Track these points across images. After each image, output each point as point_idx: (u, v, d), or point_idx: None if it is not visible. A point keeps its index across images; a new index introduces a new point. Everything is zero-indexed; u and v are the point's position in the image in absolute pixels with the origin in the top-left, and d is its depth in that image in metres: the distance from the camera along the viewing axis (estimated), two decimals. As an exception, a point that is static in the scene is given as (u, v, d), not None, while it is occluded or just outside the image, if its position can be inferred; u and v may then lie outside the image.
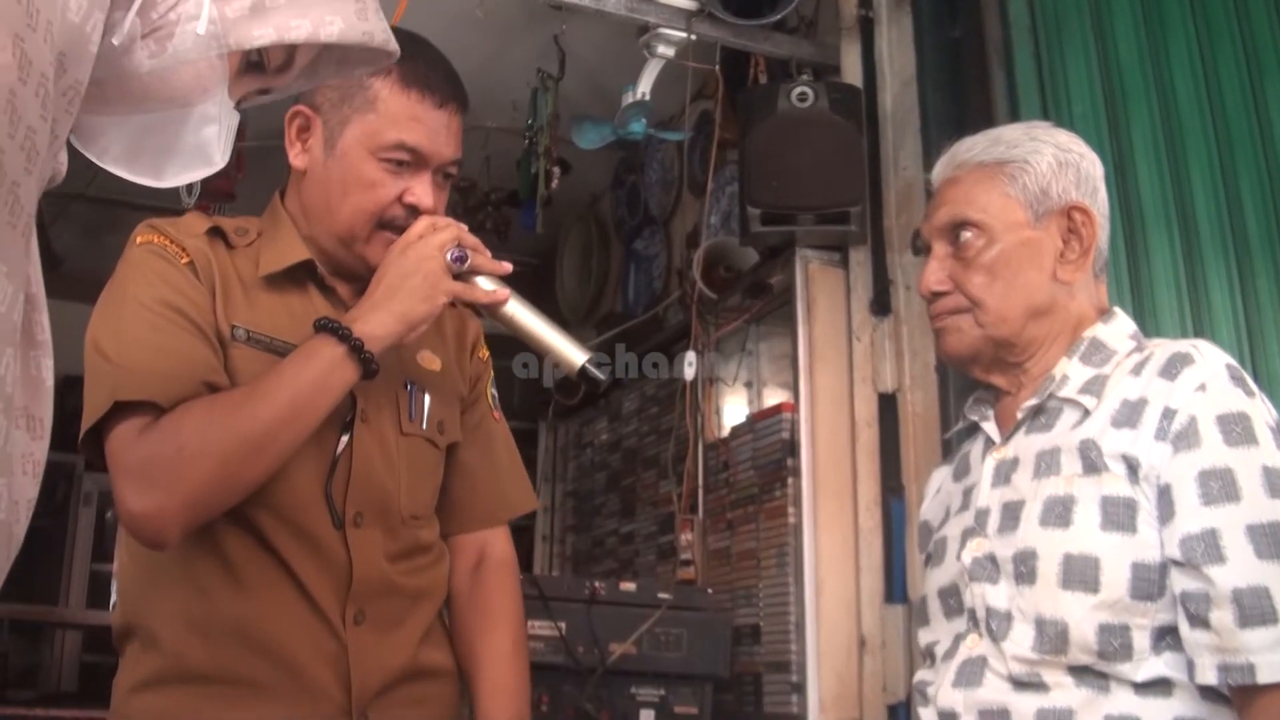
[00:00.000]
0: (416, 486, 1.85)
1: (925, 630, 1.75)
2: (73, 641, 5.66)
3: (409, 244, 1.71)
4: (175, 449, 1.53)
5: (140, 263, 1.68)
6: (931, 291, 1.75)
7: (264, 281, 1.76)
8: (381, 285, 1.69)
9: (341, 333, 1.62)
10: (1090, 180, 1.73)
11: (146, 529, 1.53)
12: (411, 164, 1.76)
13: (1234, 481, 1.45)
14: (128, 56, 0.91)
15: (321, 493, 1.70)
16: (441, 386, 1.91)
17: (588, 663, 3.06)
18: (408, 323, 1.67)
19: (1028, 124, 1.82)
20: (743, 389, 3.94)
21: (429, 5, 3.10)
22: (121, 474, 1.55)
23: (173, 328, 1.63)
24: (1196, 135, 2.91)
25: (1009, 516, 1.60)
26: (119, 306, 1.65)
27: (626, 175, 5.25)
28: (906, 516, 3.03)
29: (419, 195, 1.76)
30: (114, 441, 1.57)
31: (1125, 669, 1.47)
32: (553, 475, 5.36)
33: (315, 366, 1.61)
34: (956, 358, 1.77)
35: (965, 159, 1.76)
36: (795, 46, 3.53)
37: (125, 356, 1.59)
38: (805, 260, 3.35)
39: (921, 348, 3.06)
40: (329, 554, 1.70)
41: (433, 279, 1.69)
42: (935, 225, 1.76)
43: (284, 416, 1.58)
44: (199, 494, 1.54)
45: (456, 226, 1.74)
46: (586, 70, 4.14)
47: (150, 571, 1.68)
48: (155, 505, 1.52)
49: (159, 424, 1.56)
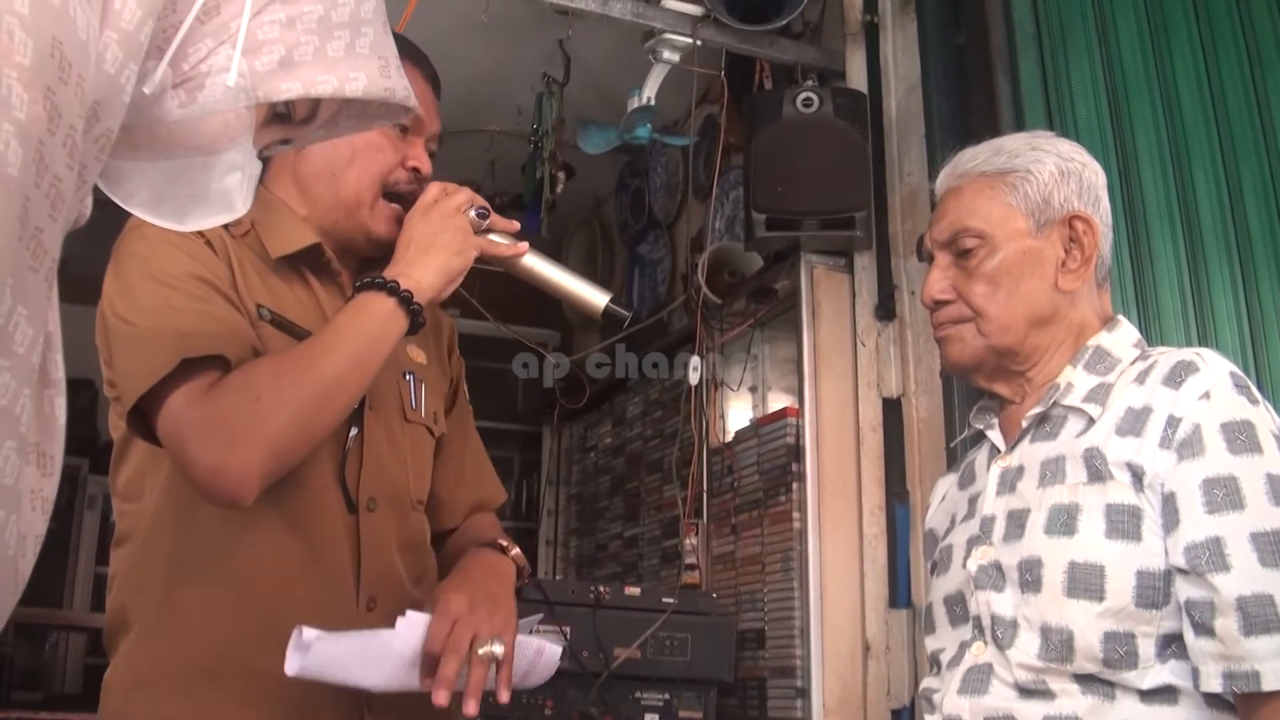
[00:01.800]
0: (420, 473, 1.89)
1: (931, 638, 1.75)
2: (76, 644, 5.67)
3: (428, 206, 1.74)
4: (253, 398, 1.53)
5: (159, 239, 1.66)
6: (934, 301, 1.75)
7: (273, 267, 1.76)
8: (412, 245, 1.70)
9: (390, 286, 1.64)
10: (1092, 189, 1.73)
11: (227, 482, 1.51)
12: (410, 130, 1.81)
13: (1238, 489, 1.45)
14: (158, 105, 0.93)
15: (336, 479, 1.72)
16: (429, 379, 1.95)
17: (592, 667, 3.06)
18: (447, 275, 1.70)
19: (1030, 133, 1.82)
20: (747, 394, 3.94)
21: (435, 10, 3.11)
22: (195, 431, 1.52)
23: (212, 298, 1.63)
24: (1200, 140, 2.91)
25: (1014, 525, 1.60)
26: (146, 280, 1.62)
27: (631, 180, 5.26)
28: (911, 522, 3.03)
29: (420, 159, 1.82)
30: (179, 401, 1.54)
31: (1131, 677, 1.47)
32: (556, 479, 5.37)
33: (371, 319, 1.63)
34: (959, 367, 1.78)
35: (967, 169, 1.76)
36: (800, 52, 3.53)
37: (174, 322, 1.58)
38: (810, 265, 3.35)
39: (926, 353, 3.06)
40: (344, 540, 1.71)
41: (462, 234, 1.72)
42: (937, 235, 1.76)
43: (350, 366, 1.59)
44: (281, 442, 1.53)
45: (466, 189, 1.77)
46: (591, 75, 4.15)
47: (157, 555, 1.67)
48: (237, 458, 1.50)
49: (228, 379, 1.55)
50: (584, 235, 5.65)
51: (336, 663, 1.51)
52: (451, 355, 2.07)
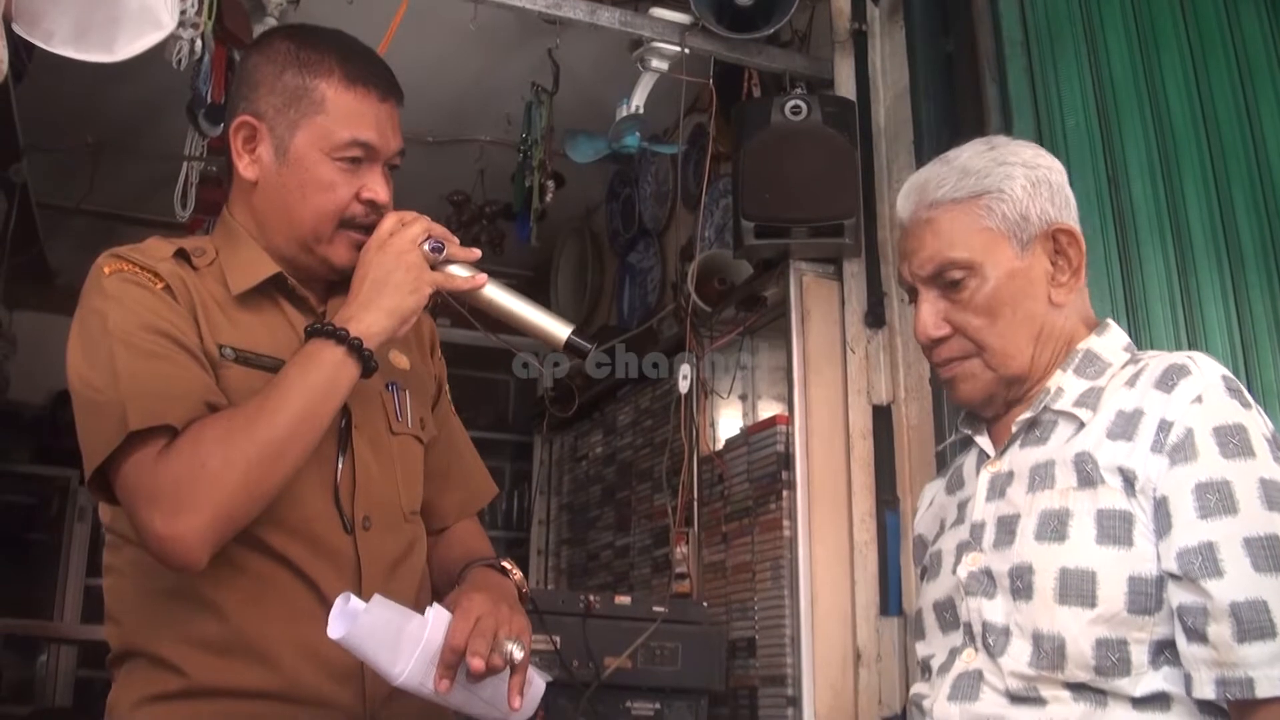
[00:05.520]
0: (412, 483, 1.87)
1: (921, 644, 1.74)
2: (67, 656, 5.65)
3: (383, 240, 1.72)
4: (199, 465, 1.52)
5: (116, 293, 1.66)
6: (930, 338, 1.71)
7: (237, 300, 1.75)
8: (366, 283, 1.69)
9: (339, 334, 1.63)
10: (1061, 191, 1.71)
11: (178, 551, 1.51)
12: (364, 159, 1.76)
13: (1231, 494, 1.44)
14: None
15: (330, 501, 1.71)
16: (414, 384, 1.94)
17: (582, 677, 3.05)
18: (399, 317, 1.69)
19: (987, 143, 1.76)
20: (737, 401, 3.95)
21: (423, 20, 3.11)
22: (145, 501, 1.53)
23: (165, 353, 1.62)
24: (1189, 147, 2.92)
25: (1004, 531, 1.59)
26: (103, 339, 1.62)
27: (621, 188, 5.27)
28: (902, 529, 3.03)
29: (376, 190, 1.77)
30: (131, 470, 1.55)
31: (1123, 684, 1.46)
32: (548, 488, 5.36)
33: (320, 370, 1.62)
34: (971, 404, 1.74)
35: (936, 197, 1.70)
36: (789, 60, 3.54)
37: (125, 388, 1.57)
38: (799, 273, 3.36)
39: (916, 360, 3.06)
40: (342, 560, 1.70)
41: (415, 271, 1.70)
42: (918, 270, 1.71)
43: (298, 421, 1.58)
44: (228, 508, 1.53)
45: (424, 219, 1.75)
46: (581, 84, 4.15)
47: (155, 593, 1.66)
48: (186, 525, 1.50)
49: (176, 445, 1.54)
50: (574, 244, 5.65)
51: (379, 634, 1.52)
52: (434, 355, 2.07)
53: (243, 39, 3.47)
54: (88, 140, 4.72)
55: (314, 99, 1.74)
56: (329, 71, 1.75)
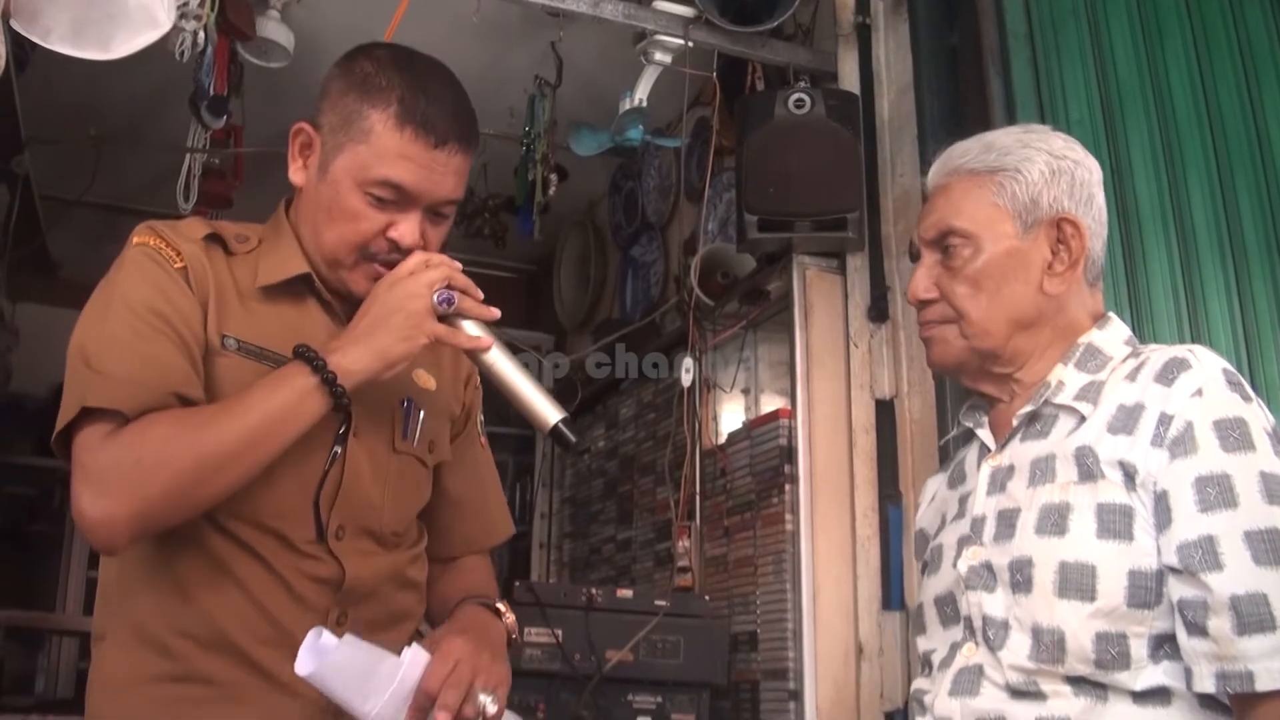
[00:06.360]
0: (402, 504, 1.84)
1: (922, 638, 1.74)
2: (69, 648, 5.66)
3: (398, 280, 1.68)
4: (134, 459, 1.53)
5: (133, 264, 1.67)
6: (918, 299, 1.75)
7: (261, 292, 1.74)
8: (365, 319, 1.67)
9: (316, 363, 1.60)
10: (1085, 188, 1.71)
11: (97, 533, 1.54)
12: (396, 202, 1.71)
13: (1231, 487, 1.44)
14: None
15: (309, 504, 1.70)
16: (435, 406, 1.91)
17: (584, 670, 3.06)
18: (385, 360, 1.65)
19: (1024, 128, 1.79)
20: (740, 395, 3.94)
21: (425, 12, 3.11)
22: (80, 478, 1.54)
23: (154, 334, 1.62)
24: (1193, 141, 2.91)
25: (1005, 525, 1.59)
26: (105, 307, 1.64)
27: (624, 182, 5.26)
28: (904, 523, 3.03)
29: (402, 232, 1.72)
30: (79, 445, 1.56)
31: (1123, 678, 1.46)
32: (550, 482, 5.37)
33: (285, 394, 1.60)
34: (942, 368, 1.78)
35: (957, 165, 1.74)
36: (792, 53, 3.54)
37: (101, 361, 1.59)
38: (803, 266, 3.35)
39: (919, 354, 3.06)
40: (315, 561, 1.69)
41: (415, 319, 1.66)
42: (924, 233, 1.75)
43: (247, 440, 1.57)
44: (150, 506, 1.53)
45: (449, 266, 1.70)
46: (584, 77, 4.15)
47: (137, 576, 1.68)
48: (106, 512, 1.52)
49: (122, 432, 1.55)
50: (577, 238, 5.65)
51: (347, 673, 1.52)
52: (468, 385, 2.02)
53: (245, 31, 3.48)
54: (90, 132, 4.72)
55: (363, 127, 1.70)
56: (386, 105, 1.69)
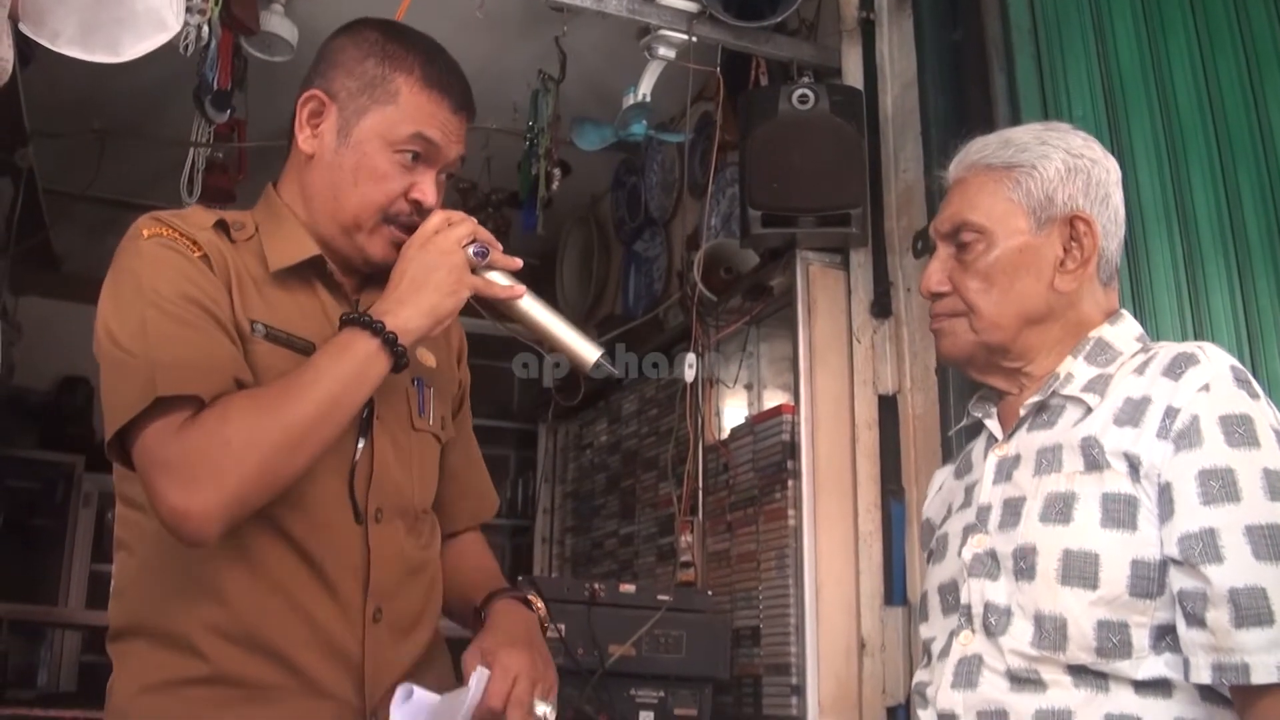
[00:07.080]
0: (427, 481, 1.87)
1: (924, 626, 1.76)
2: (72, 642, 5.66)
3: (427, 238, 1.70)
4: (223, 442, 1.50)
5: (154, 256, 1.64)
6: (931, 292, 1.76)
7: (273, 278, 1.74)
8: (405, 279, 1.68)
9: (375, 326, 1.62)
10: (1101, 187, 1.72)
11: (189, 525, 1.49)
12: (423, 159, 1.77)
13: (1234, 482, 1.45)
14: None
15: (345, 489, 1.70)
16: (438, 383, 1.93)
17: (587, 664, 3.06)
18: (435, 317, 1.67)
19: (1045, 125, 1.80)
20: (743, 391, 3.94)
21: (429, 5, 3.10)
22: (162, 470, 1.51)
23: (199, 322, 1.61)
24: (1196, 137, 2.91)
25: (1010, 513, 1.60)
26: (136, 300, 1.60)
27: (627, 177, 5.26)
28: (906, 519, 3.03)
29: (425, 191, 1.76)
30: (151, 437, 1.53)
31: (1124, 667, 1.47)
32: (552, 476, 5.37)
33: (352, 360, 1.61)
34: (952, 360, 1.80)
35: (975, 160, 1.76)
36: (796, 48, 3.53)
37: (156, 352, 1.55)
38: (806, 262, 3.35)
39: (922, 350, 3.06)
40: (352, 550, 1.70)
41: (457, 273, 1.69)
42: (940, 226, 1.77)
43: (325, 409, 1.57)
44: (246, 488, 1.51)
45: (470, 221, 1.74)
46: (587, 72, 4.15)
47: (162, 572, 1.65)
48: (202, 501, 1.48)
49: (201, 418, 1.53)
50: (580, 233, 5.65)
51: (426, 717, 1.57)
52: (460, 363, 2.05)
53: (249, 26, 3.47)
54: (94, 126, 4.72)
55: (389, 90, 1.76)
56: (410, 69, 1.76)
